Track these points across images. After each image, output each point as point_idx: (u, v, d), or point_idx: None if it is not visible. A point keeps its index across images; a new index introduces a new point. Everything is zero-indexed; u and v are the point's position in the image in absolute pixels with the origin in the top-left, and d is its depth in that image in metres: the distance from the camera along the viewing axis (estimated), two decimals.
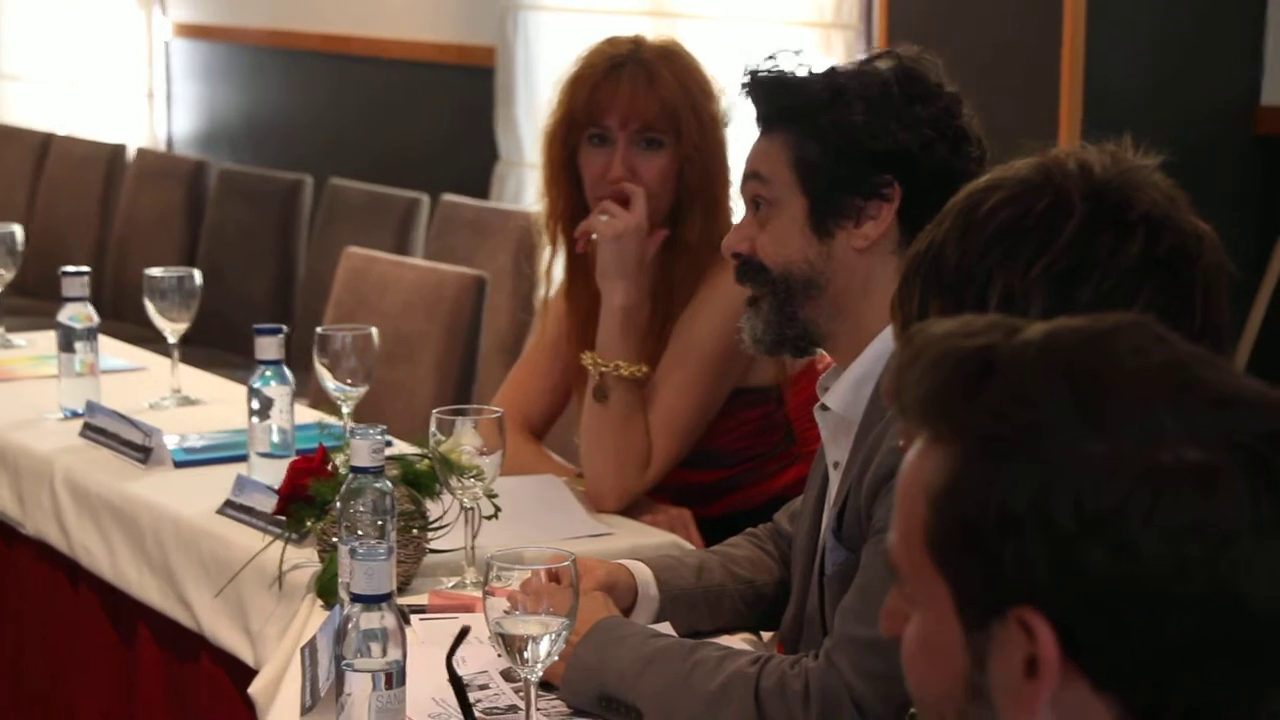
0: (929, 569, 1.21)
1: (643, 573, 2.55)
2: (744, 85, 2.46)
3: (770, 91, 2.42)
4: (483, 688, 2.34)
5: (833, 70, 2.40)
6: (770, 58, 2.44)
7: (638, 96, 3.11)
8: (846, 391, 2.37)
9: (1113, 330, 1.21)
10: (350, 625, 2.01)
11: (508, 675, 2.36)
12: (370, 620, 2.01)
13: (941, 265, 1.70)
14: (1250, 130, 4.66)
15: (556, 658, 2.14)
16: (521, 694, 2.29)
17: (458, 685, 2.09)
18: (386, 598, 2.02)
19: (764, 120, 2.45)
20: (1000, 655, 1.19)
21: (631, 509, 3.09)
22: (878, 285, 2.35)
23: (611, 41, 3.22)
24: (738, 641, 2.53)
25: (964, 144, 2.38)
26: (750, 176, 2.45)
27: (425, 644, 2.45)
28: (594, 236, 3.14)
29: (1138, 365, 1.18)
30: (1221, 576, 1.14)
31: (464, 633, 2.09)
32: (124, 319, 5.74)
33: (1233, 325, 1.73)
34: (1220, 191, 4.52)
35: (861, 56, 2.50)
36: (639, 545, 2.86)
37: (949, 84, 2.41)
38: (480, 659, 2.41)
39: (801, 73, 2.41)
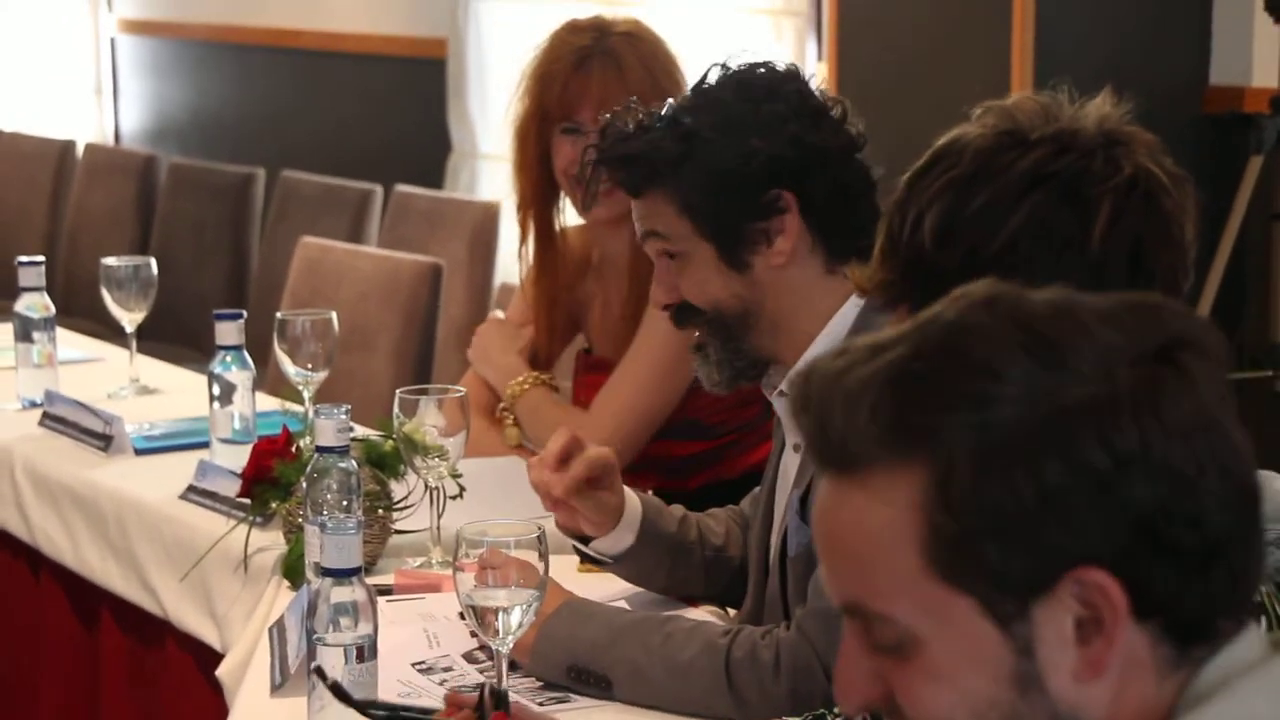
0: (939, 593, 1.21)
1: (633, 502, 2.55)
2: (597, 163, 2.46)
3: (626, 165, 2.41)
4: (446, 670, 2.35)
5: (673, 115, 2.39)
6: (607, 128, 2.44)
7: (609, 89, 3.12)
8: None
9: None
10: (321, 600, 2.01)
11: (470, 658, 2.37)
12: (341, 594, 2.01)
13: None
14: (1199, 109, 4.70)
15: (527, 628, 2.14)
16: (485, 674, 2.30)
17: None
18: (356, 571, 2.02)
19: (632, 187, 2.43)
20: (1047, 635, 1.19)
21: None
22: (808, 289, 2.38)
23: (574, 29, 3.22)
24: (704, 614, 2.53)
25: (823, 117, 2.39)
26: (648, 235, 2.43)
27: (393, 624, 2.46)
28: None
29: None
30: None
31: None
32: (76, 314, 5.69)
33: (1183, 265, 1.75)
34: None
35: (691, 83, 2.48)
36: None
37: (777, 62, 2.42)
38: (445, 642, 2.42)
39: (643, 129, 2.39)
